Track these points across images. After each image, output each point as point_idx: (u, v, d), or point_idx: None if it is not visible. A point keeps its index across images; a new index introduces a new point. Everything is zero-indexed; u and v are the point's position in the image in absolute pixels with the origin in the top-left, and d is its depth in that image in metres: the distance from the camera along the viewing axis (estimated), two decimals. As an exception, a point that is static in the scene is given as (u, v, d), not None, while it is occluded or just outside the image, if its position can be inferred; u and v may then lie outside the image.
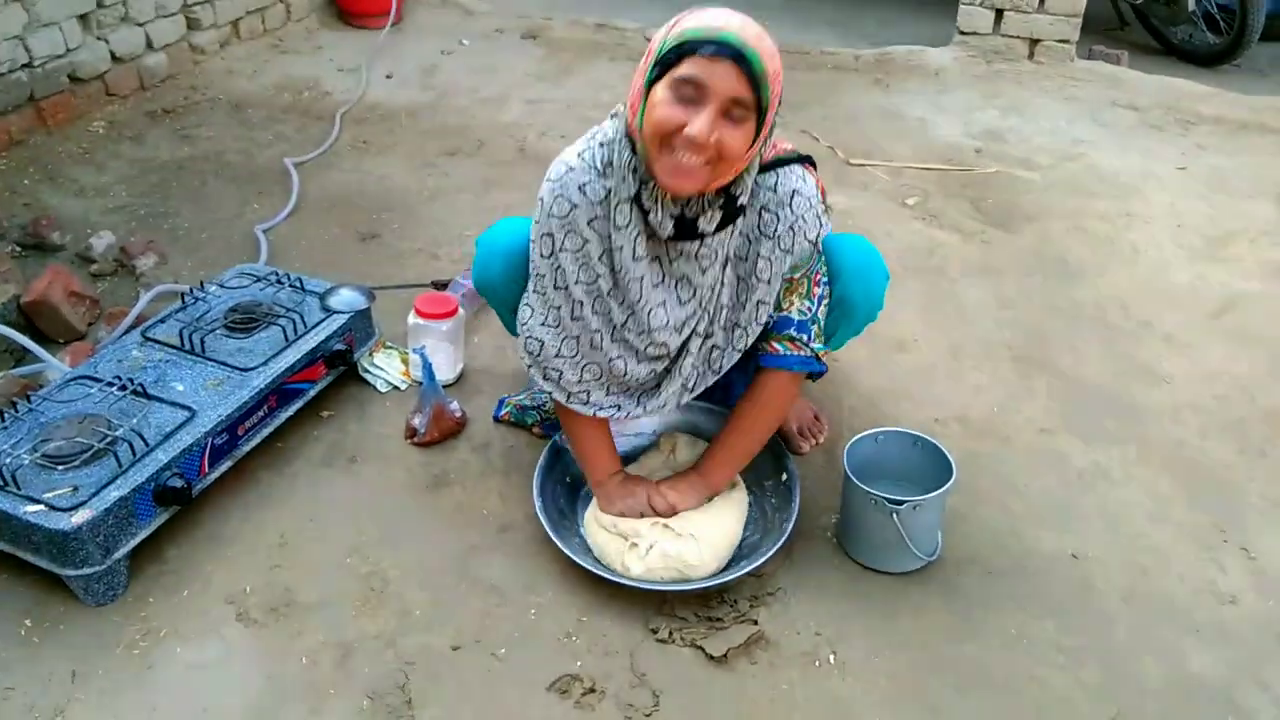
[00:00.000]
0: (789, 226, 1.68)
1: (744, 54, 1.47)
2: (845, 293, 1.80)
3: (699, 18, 1.51)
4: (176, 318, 2.18)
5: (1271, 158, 3.60)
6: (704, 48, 1.47)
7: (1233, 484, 2.09)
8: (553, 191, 1.69)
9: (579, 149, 1.71)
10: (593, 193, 1.66)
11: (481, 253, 1.89)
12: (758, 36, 1.50)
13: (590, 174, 1.67)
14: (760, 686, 1.63)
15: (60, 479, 1.75)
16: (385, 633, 1.70)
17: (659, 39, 1.55)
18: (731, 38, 1.47)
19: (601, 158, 1.67)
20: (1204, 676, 1.67)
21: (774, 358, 1.78)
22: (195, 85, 3.87)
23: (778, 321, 1.76)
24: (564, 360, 1.77)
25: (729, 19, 1.50)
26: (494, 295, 1.92)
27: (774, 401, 1.83)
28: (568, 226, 1.68)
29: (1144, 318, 2.64)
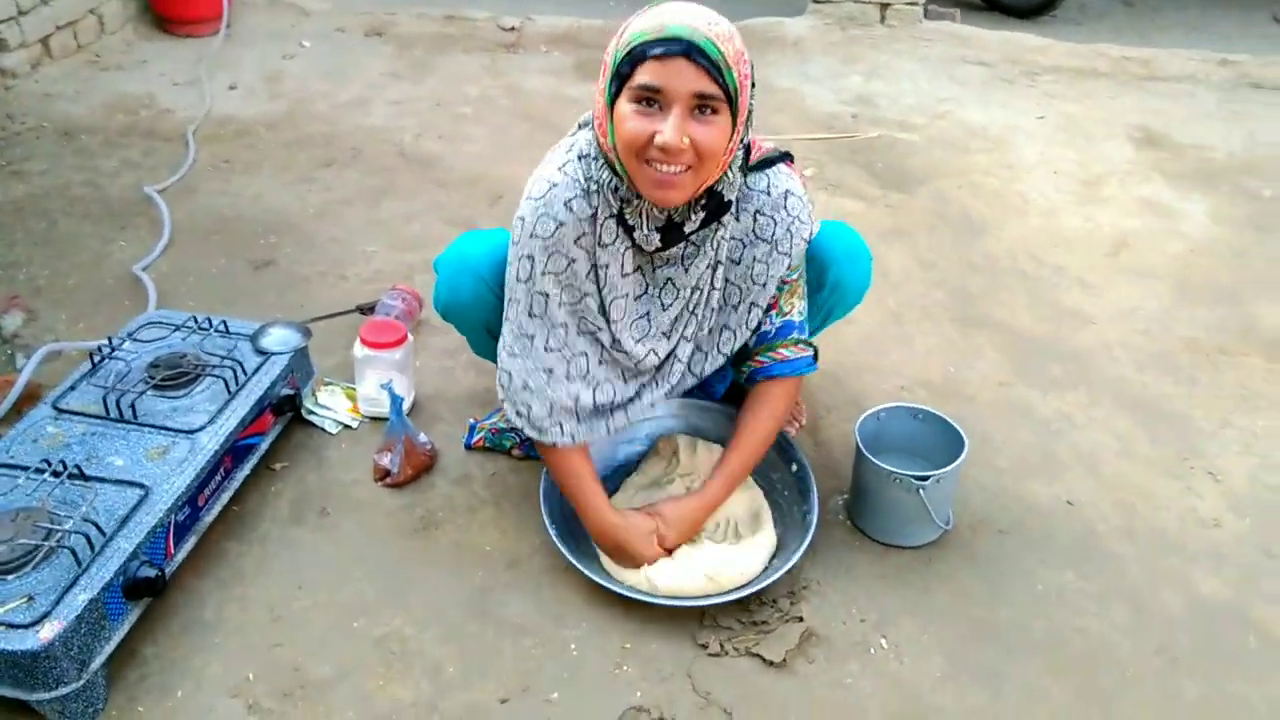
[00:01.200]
0: (786, 229, 1.65)
1: (697, 45, 1.39)
2: (840, 279, 1.80)
3: (644, 18, 1.44)
4: (91, 382, 1.92)
5: (1113, 100, 3.87)
6: (653, 49, 1.40)
7: (1179, 414, 2.22)
8: (536, 210, 1.58)
9: (558, 163, 1.61)
10: (579, 209, 1.58)
11: (448, 273, 1.76)
12: (709, 22, 1.43)
13: (575, 189, 1.58)
14: (825, 685, 1.60)
15: (8, 590, 1.49)
16: (422, 698, 1.56)
17: (610, 50, 1.47)
18: (680, 31, 1.39)
19: (584, 171, 1.58)
20: (1216, 599, 1.77)
21: (782, 365, 1.75)
22: (11, 114, 3.43)
23: (781, 327, 1.73)
24: (531, 393, 1.67)
25: (675, 12, 1.42)
26: (464, 318, 1.81)
27: (781, 408, 1.80)
28: (552, 248, 1.59)
29: (1054, 264, 2.77)
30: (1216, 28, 4.86)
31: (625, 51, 1.43)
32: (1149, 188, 3.20)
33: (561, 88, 3.90)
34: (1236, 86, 3.99)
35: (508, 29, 4.33)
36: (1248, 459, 2.09)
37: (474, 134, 3.47)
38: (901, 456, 1.89)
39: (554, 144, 1.72)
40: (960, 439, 1.83)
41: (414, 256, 2.73)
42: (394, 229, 2.87)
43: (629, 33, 1.44)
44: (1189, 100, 3.88)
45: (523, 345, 1.65)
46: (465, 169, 3.22)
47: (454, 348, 2.34)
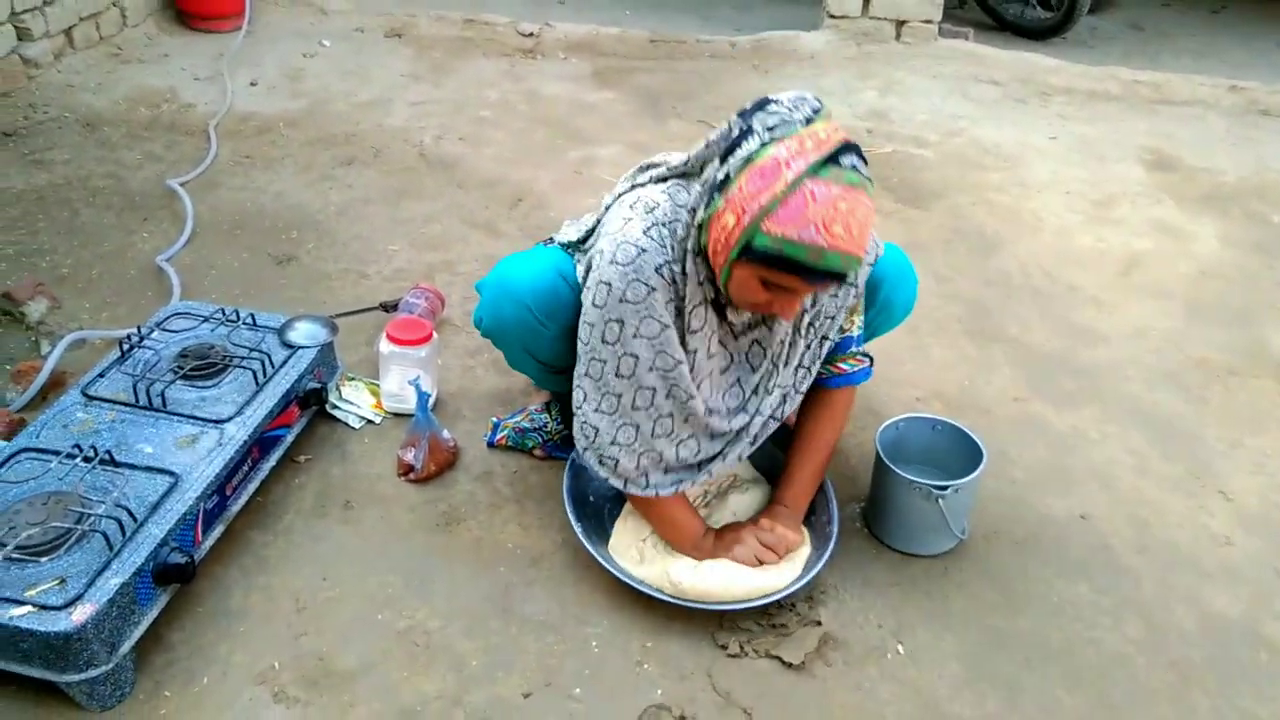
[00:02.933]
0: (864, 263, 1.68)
1: (844, 275, 1.41)
2: (889, 298, 1.84)
3: (801, 221, 1.35)
4: (121, 370, 1.94)
5: (1123, 123, 3.90)
6: (807, 277, 1.40)
7: (1191, 432, 2.25)
8: (625, 276, 1.53)
9: (641, 226, 1.56)
10: (668, 276, 1.55)
11: (492, 297, 1.76)
12: (862, 231, 1.38)
13: (663, 255, 1.55)
14: (843, 689, 1.62)
15: (41, 572, 1.51)
16: (446, 691, 1.58)
17: (748, 217, 1.38)
18: (836, 262, 1.37)
19: (671, 245, 1.56)
20: (1229, 617, 1.79)
21: (843, 378, 1.78)
22: (34, 103, 3.45)
23: (841, 342, 1.76)
24: (619, 448, 1.66)
25: (836, 222, 1.35)
26: (505, 340, 1.81)
27: (841, 417, 1.83)
28: (644, 312, 1.55)
29: (1067, 282, 2.80)
30: (1225, 54, 4.91)
31: (774, 252, 1.38)
32: (1160, 209, 3.24)
33: (580, 94, 3.93)
34: (1246, 112, 4.03)
35: (526, 34, 4.36)
36: (1258, 479, 2.12)
37: (494, 137, 3.50)
38: (919, 467, 1.91)
39: (572, 149, 1.72)
40: (978, 451, 1.85)
41: (435, 256, 2.75)
42: (415, 229, 2.89)
43: (784, 236, 1.37)
44: (1199, 125, 3.92)
45: (610, 404, 1.63)
46: (485, 172, 3.24)
47: (476, 347, 2.36)
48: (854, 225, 1.37)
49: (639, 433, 1.65)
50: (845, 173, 1.37)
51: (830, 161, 1.36)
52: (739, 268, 1.45)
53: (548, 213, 3.00)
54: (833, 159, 1.37)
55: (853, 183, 1.37)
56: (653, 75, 4.14)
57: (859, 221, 1.37)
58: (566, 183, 3.19)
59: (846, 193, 1.36)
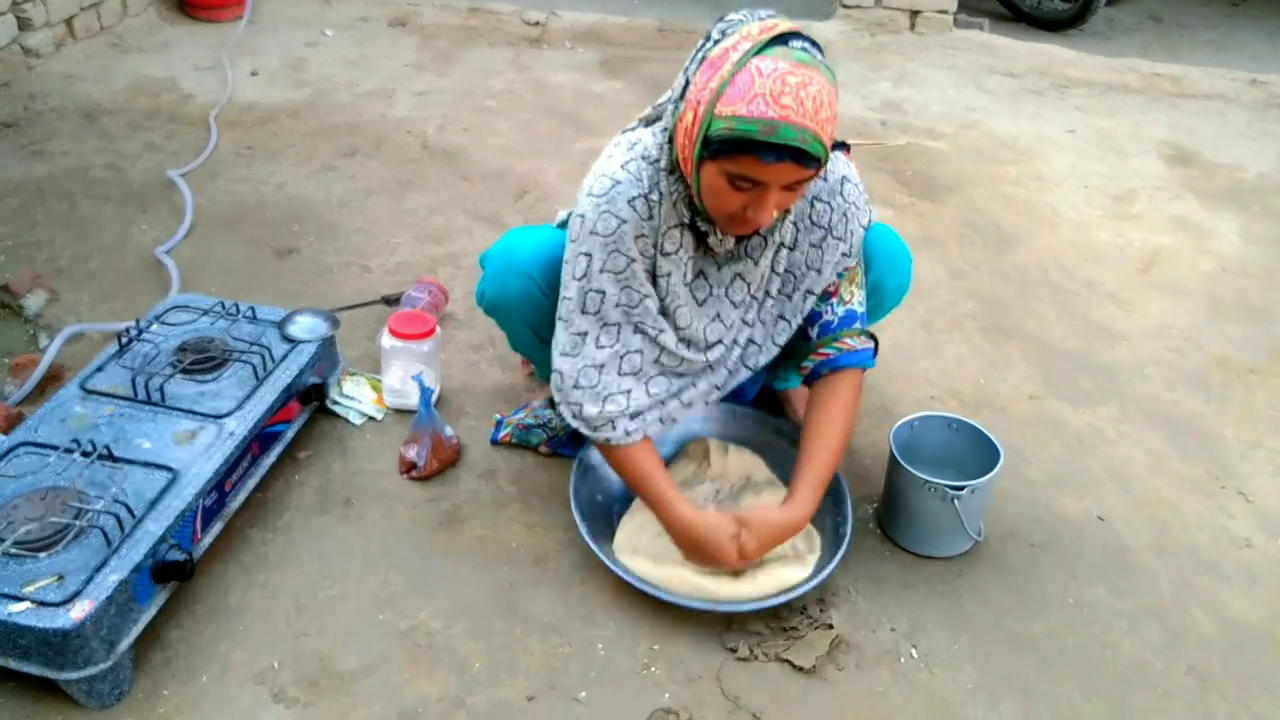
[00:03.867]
0: (842, 214, 1.64)
1: (806, 151, 1.35)
2: (880, 280, 1.79)
3: (751, 99, 1.32)
4: (119, 363, 1.90)
5: (1143, 115, 3.84)
6: (762, 153, 1.35)
7: (1211, 432, 2.20)
8: (598, 207, 1.54)
9: (620, 160, 1.57)
10: (642, 208, 1.55)
11: (496, 269, 1.73)
12: (816, 106, 1.34)
13: (638, 188, 1.54)
14: (856, 693, 1.58)
15: (39, 568, 1.48)
16: (449, 693, 1.54)
17: (703, 107, 1.38)
18: (790, 134, 1.33)
19: (649, 176, 1.55)
20: (1248, 620, 1.75)
21: (850, 355, 1.70)
22: (34, 93, 3.41)
23: (844, 317, 1.70)
24: (581, 391, 1.64)
25: (788, 102, 1.32)
26: (508, 315, 1.78)
27: (852, 404, 1.72)
28: (611, 245, 1.55)
29: (1085, 278, 2.75)
30: (1246, 47, 4.83)
31: (728, 135, 1.36)
32: (1180, 205, 3.18)
33: (587, 84, 3.88)
34: (1267, 107, 3.96)
35: (532, 24, 4.31)
36: (1279, 480, 2.07)
37: (499, 128, 3.45)
38: (934, 466, 1.87)
39: (579, 140, 1.70)
40: (994, 451, 1.81)
41: (438, 249, 2.71)
42: (418, 221, 2.85)
43: (733, 114, 1.34)
44: (1220, 119, 3.85)
45: (574, 343, 1.62)
46: (490, 163, 3.20)
47: (479, 342, 2.33)
48: (806, 99, 1.33)
49: (601, 373, 1.62)
50: (793, 51, 1.35)
51: (777, 43, 1.35)
52: (705, 169, 1.43)
53: (553, 204, 2.96)
54: (780, 41, 1.36)
55: (802, 60, 1.35)
56: (661, 65, 4.08)
57: (812, 96, 1.33)
58: (573, 174, 3.14)
59: (795, 68, 1.34)
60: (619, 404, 1.64)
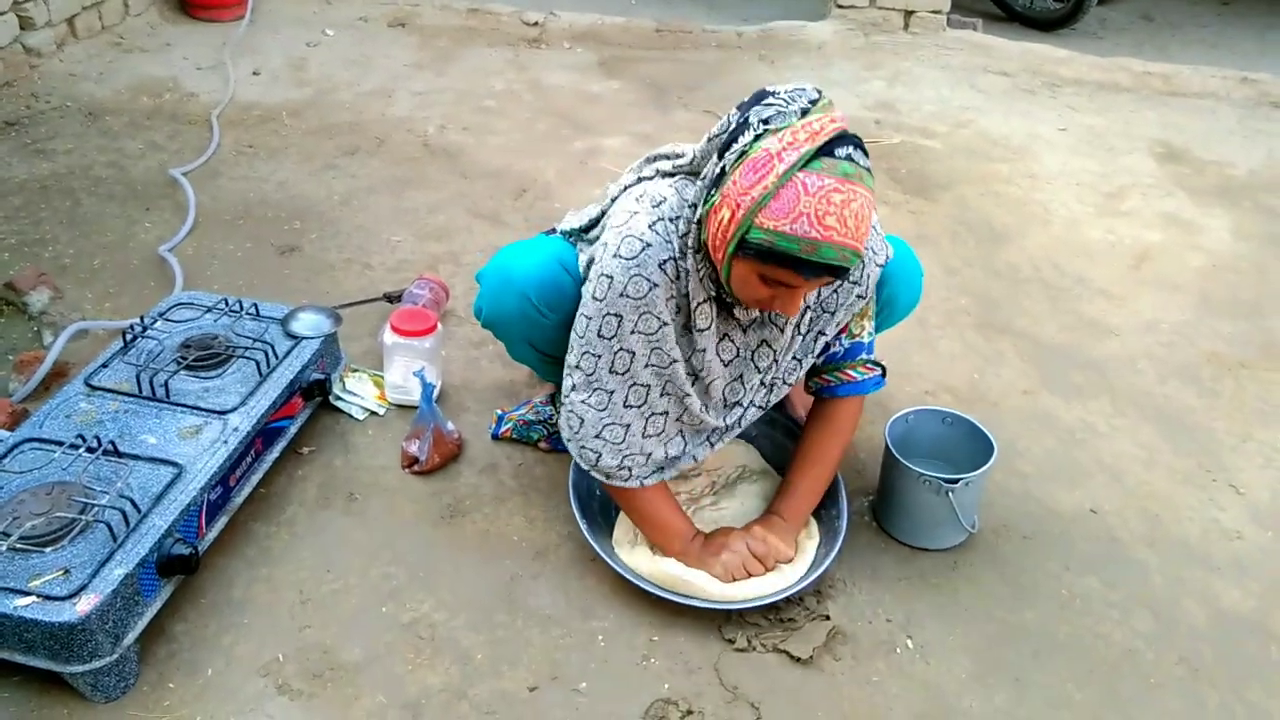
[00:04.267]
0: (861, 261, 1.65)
1: (842, 268, 1.38)
2: (893, 295, 1.82)
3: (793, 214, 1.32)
4: (124, 360, 1.92)
5: (1134, 114, 3.87)
6: (803, 270, 1.37)
7: (1201, 426, 2.23)
8: (628, 270, 1.51)
9: (647, 220, 1.53)
10: (672, 272, 1.53)
11: (492, 288, 1.73)
12: (858, 223, 1.34)
13: (668, 251, 1.52)
14: (852, 683, 1.61)
15: (45, 562, 1.50)
16: (451, 684, 1.57)
17: (742, 212, 1.36)
18: (831, 254, 1.34)
19: (678, 240, 1.53)
20: (1239, 611, 1.78)
21: (853, 385, 1.75)
22: (36, 93, 3.43)
23: (850, 348, 1.73)
24: (603, 443, 1.64)
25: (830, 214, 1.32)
26: (506, 331, 1.78)
27: (848, 429, 1.79)
28: (643, 309, 1.53)
29: (1076, 274, 2.78)
30: (1236, 46, 4.87)
31: (767, 244, 1.36)
32: (1171, 202, 3.21)
33: (585, 84, 3.90)
34: (1258, 105, 4.00)
35: (531, 24, 4.33)
36: (1269, 473, 2.10)
37: (498, 127, 3.47)
38: (929, 460, 1.89)
39: (577, 139, 1.70)
40: (988, 445, 1.84)
41: (439, 247, 2.73)
42: (419, 219, 2.87)
43: (775, 229, 1.34)
44: (1210, 117, 3.88)
45: (600, 399, 1.61)
46: (489, 162, 3.22)
47: (481, 339, 2.35)
48: (849, 217, 1.34)
49: (628, 433, 1.63)
50: (840, 164, 1.34)
51: (824, 153, 1.33)
52: (737, 263, 1.43)
53: (552, 203, 2.98)
54: (826, 150, 1.34)
55: (848, 174, 1.34)
56: (658, 65, 4.11)
57: (854, 213, 1.34)
58: (571, 173, 3.17)
59: (841, 184, 1.33)
60: (638, 462, 1.66)
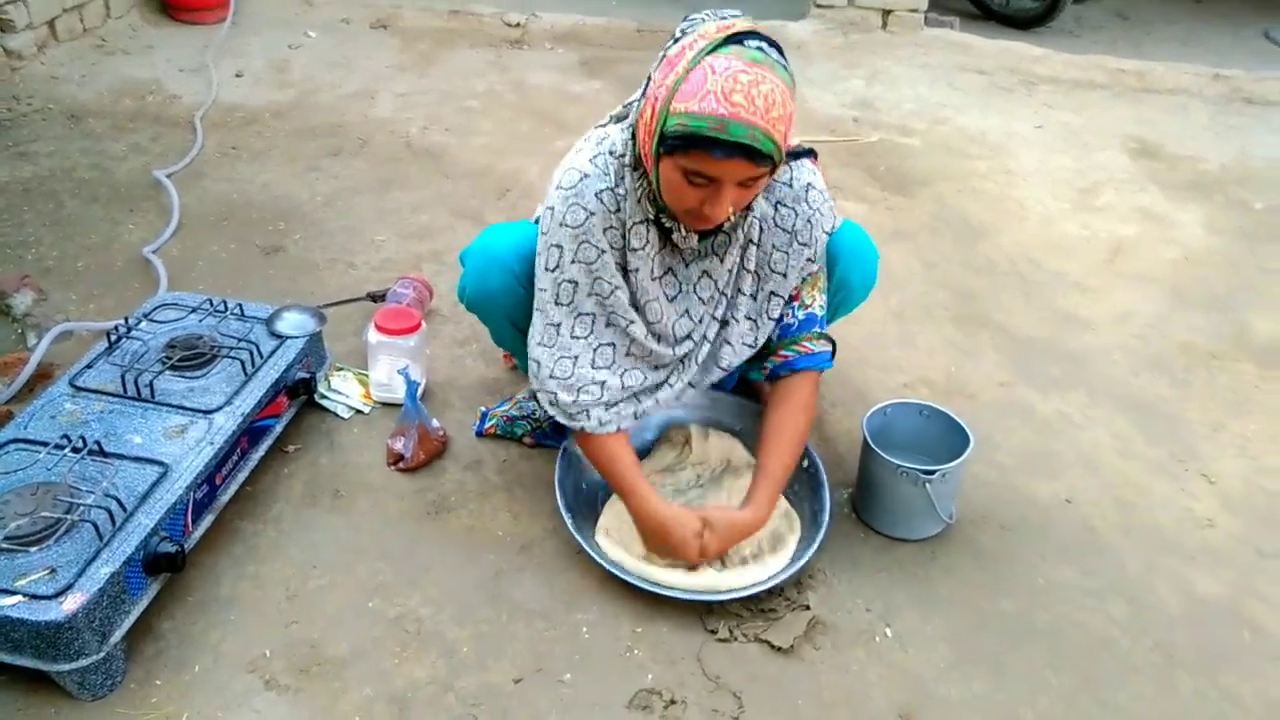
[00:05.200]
0: (806, 220, 1.68)
1: (758, 148, 1.39)
2: (845, 276, 1.83)
3: (703, 96, 1.36)
4: (109, 361, 1.93)
5: (1108, 111, 3.92)
6: (713, 149, 1.39)
7: (1174, 416, 2.27)
8: (566, 200, 1.59)
9: (589, 154, 1.62)
10: (609, 201, 1.60)
11: (476, 265, 1.77)
12: (768, 104, 1.37)
13: (606, 181, 1.60)
14: (832, 671, 1.63)
15: (31, 562, 1.51)
16: (437, 677, 1.59)
17: (659, 103, 1.42)
18: (740, 131, 1.36)
19: (615, 171, 1.60)
20: (1211, 597, 1.81)
21: (808, 358, 1.76)
22: (18, 95, 3.43)
23: (804, 320, 1.75)
24: (557, 381, 1.69)
25: (739, 98, 1.35)
26: (489, 310, 1.82)
27: (810, 402, 1.80)
28: (581, 237, 1.60)
29: (1052, 269, 2.82)
30: (1209, 43, 4.93)
31: (681, 132, 1.39)
32: (1145, 197, 3.26)
33: (567, 84, 3.93)
34: (1229, 101, 4.05)
35: (513, 25, 4.35)
36: (1240, 462, 2.14)
37: (481, 127, 3.49)
38: (907, 452, 1.92)
39: (559, 138, 1.74)
40: (964, 436, 1.87)
41: (422, 246, 2.75)
42: (402, 219, 2.88)
43: (685, 110, 1.38)
44: (1183, 113, 3.94)
45: (549, 334, 1.67)
46: (472, 162, 3.24)
47: (465, 336, 2.37)
48: (756, 96, 1.36)
49: (575, 364, 1.67)
50: (748, 50, 1.39)
51: (733, 41, 1.39)
52: (663, 165, 1.47)
53: (535, 202, 2.97)
54: (736, 39, 1.39)
55: (756, 59, 1.38)
56: (639, 65, 4.13)
57: (763, 94, 1.36)
58: (554, 172, 3.19)
59: (748, 66, 1.37)
60: (593, 394, 1.69)
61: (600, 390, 1.70)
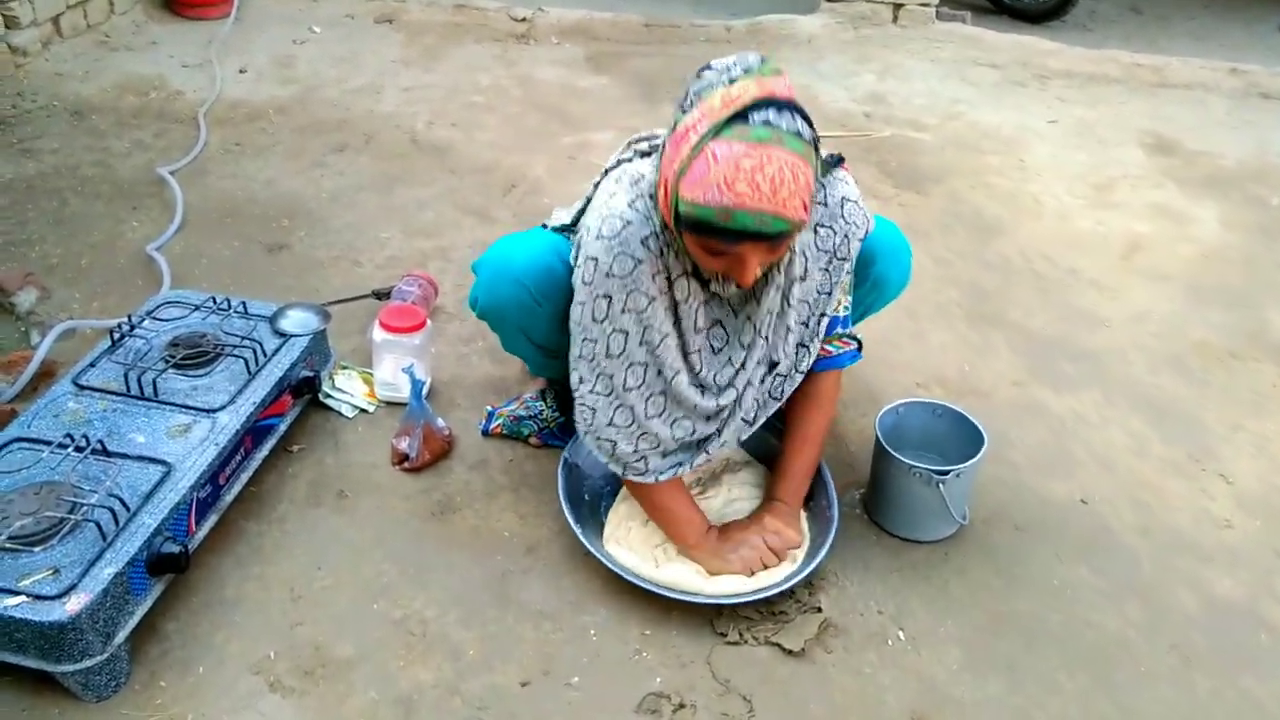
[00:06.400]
0: (844, 235, 1.64)
1: (766, 234, 1.35)
2: (883, 274, 1.82)
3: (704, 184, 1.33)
4: (112, 359, 1.91)
5: (1123, 106, 3.88)
6: (723, 237, 1.37)
7: (1191, 415, 2.24)
8: (611, 250, 1.51)
9: (626, 199, 1.53)
10: (655, 247, 1.53)
11: (489, 277, 1.73)
12: (774, 186, 1.32)
13: (649, 227, 1.52)
14: (844, 674, 1.61)
15: (34, 562, 1.49)
16: (444, 679, 1.56)
17: (669, 185, 1.38)
18: (747, 221, 1.33)
19: (654, 211, 1.53)
20: (1229, 599, 1.79)
21: (827, 360, 1.74)
22: (22, 92, 3.41)
23: (829, 323, 1.72)
24: (616, 430, 1.64)
25: (739, 180, 1.31)
26: (501, 321, 1.78)
27: (829, 404, 1.79)
28: (630, 285, 1.53)
29: (1067, 265, 2.79)
30: (1225, 37, 4.88)
31: (691, 218, 1.36)
32: (1161, 193, 3.22)
33: (573, 79, 3.90)
34: (1246, 96, 4.01)
35: (519, 19, 4.32)
36: (1259, 462, 2.11)
37: (486, 123, 3.47)
38: (919, 452, 1.90)
39: (566, 134, 1.70)
40: (978, 436, 1.84)
41: (428, 243, 2.73)
42: (408, 215, 2.86)
43: (691, 200, 1.35)
44: (1200, 108, 3.89)
45: (604, 384, 1.61)
46: (478, 157, 3.22)
47: (470, 335, 2.34)
48: (761, 181, 1.32)
49: (634, 414, 1.63)
50: (752, 129, 1.33)
51: (737, 119, 1.33)
52: (684, 236, 1.44)
53: (541, 198, 2.98)
54: (740, 116, 1.33)
55: (761, 138, 1.32)
56: (647, 60, 4.10)
57: (769, 177, 1.32)
58: (560, 168, 3.17)
59: (752, 149, 1.32)
60: (651, 442, 1.65)
61: (657, 440, 1.66)
